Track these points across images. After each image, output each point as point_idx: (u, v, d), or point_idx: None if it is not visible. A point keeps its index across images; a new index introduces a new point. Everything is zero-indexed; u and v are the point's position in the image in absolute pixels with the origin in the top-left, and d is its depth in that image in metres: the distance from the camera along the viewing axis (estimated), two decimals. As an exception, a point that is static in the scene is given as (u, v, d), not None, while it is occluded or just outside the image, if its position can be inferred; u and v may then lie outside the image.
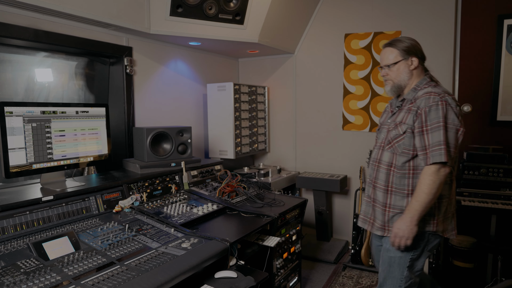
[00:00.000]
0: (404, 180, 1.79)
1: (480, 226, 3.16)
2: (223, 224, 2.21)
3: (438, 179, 1.68)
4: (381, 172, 1.86)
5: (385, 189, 1.84)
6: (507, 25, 3.15)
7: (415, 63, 1.84)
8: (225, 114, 3.56)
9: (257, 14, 3.10)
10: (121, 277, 1.43)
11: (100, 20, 2.39)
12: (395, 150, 1.81)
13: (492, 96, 3.25)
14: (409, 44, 1.84)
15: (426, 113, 1.71)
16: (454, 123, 1.70)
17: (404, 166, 1.79)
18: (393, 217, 1.83)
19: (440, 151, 1.66)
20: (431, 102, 1.71)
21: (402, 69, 1.84)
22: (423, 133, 1.72)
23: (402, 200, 1.80)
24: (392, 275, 1.86)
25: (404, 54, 1.83)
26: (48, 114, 2.03)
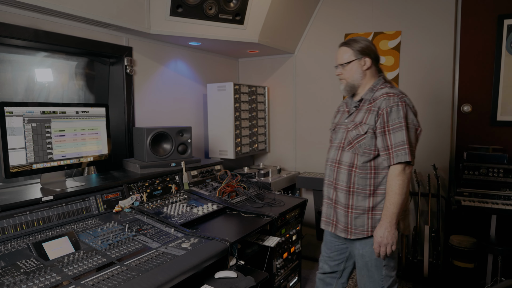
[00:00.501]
0: (366, 180, 1.80)
1: (480, 226, 3.17)
2: (223, 224, 2.21)
3: (406, 178, 1.72)
4: (341, 173, 1.85)
5: (347, 190, 1.83)
6: (507, 25, 3.15)
7: (368, 63, 1.85)
8: (225, 114, 3.56)
9: (257, 14, 3.10)
10: (121, 277, 1.43)
11: (100, 20, 2.39)
12: (356, 150, 1.81)
13: (492, 96, 3.25)
14: (363, 44, 1.84)
15: (388, 113, 1.73)
16: (413, 123, 1.75)
17: (366, 166, 1.80)
18: (356, 218, 1.83)
19: (404, 151, 1.69)
20: (391, 102, 1.74)
21: (355, 69, 1.85)
22: (385, 133, 1.74)
23: (364, 201, 1.81)
24: (372, 279, 1.86)
25: (358, 54, 1.84)
26: (48, 114, 2.03)
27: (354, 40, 1.87)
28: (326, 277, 2.12)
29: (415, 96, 3.49)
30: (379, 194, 1.80)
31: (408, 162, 1.71)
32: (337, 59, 1.91)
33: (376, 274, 1.84)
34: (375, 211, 1.80)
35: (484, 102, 3.30)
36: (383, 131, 1.75)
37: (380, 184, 1.80)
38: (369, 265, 1.84)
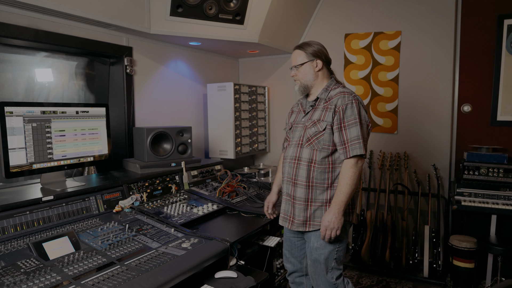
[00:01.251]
0: (324, 174, 1.90)
1: (480, 226, 3.17)
2: (223, 224, 2.21)
3: (357, 170, 1.84)
4: (301, 169, 1.93)
5: (306, 184, 1.92)
6: (507, 25, 3.15)
7: (319, 65, 1.96)
8: (225, 114, 3.56)
9: (257, 14, 3.10)
10: (121, 277, 1.43)
11: (100, 20, 2.39)
12: (315, 146, 1.91)
13: (492, 96, 3.25)
14: (315, 48, 1.97)
15: (343, 110, 1.85)
16: (365, 119, 1.88)
17: (324, 161, 1.90)
18: (315, 211, 1.91)
19: (360, 145, 1.81)
20: (346, 100, 1.86)
21: (308, 70, 1.97)
22: (342, 129, 1.85)
23: (323, 194, 1.90)
24: (323, 272, 1.94)
25: (310, 57, 1.96)
26: (48, 114, 2.03)
27: (307, 44, 1.99)
28: (295, 278, 2.17)
29: (415, 96, 3.51)
30: (335, 187, 1.89)
31: (361, 155, 1.84)
32: (291, 61, 2.03)
33: (328, 267, 1.93)
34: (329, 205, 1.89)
35: (484, 102, 3.30)
36: (339, 127, 1.86)
37: (337, 177, 1.90)
38: (322, 258, 1.92)
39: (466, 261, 2.91)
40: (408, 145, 3.58)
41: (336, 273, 1.95)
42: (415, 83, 3.51)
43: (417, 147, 3.54)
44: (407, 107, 3.57)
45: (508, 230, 3.08)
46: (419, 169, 3.54)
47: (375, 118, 3.70)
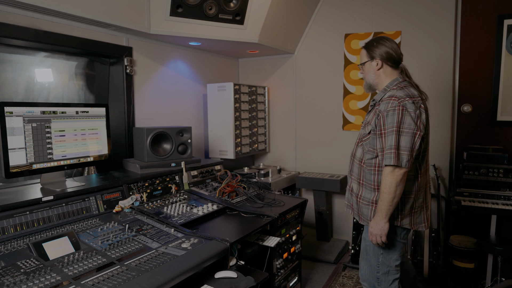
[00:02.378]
0: (371, 176, 1.92)
1: (480, 226, 3.17)
2: (223, 224, 2.21)
3: (394, 179, 1.78)
4: (355, 166, 2.02)
5: (358, 182, 2.00)
6: (507, 25, 3.15)
7: (379, 64, 1.94)
8: (225, 114, 3.57)
9: (257, 14, 3.10)
10: (121, 277, 1.43)
11: (100, 20, 2.39)
12: (364, 147, 1.95)
13: (492, 96, 3.25)
14: (377, 46, 1.93)
15: (384, 117, 1.82)
16: (410, 127, 1.78)
17: (371, 162, 1.92)
18: (363, 208, 1.98)
19: (391, 155, 1.77)
20: (389, 107, 1.80)
21: (368, 69, 1.98)
22: (381, 136, 1.83)
23: (370, 194, 1.94)
24: (370, 263, 2.02)
25: (370, 56, 1.96)
26: (48, 114, 2.03)
27: (371, 42, 1.97)
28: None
29: (415, 96, 3.51)
30: None
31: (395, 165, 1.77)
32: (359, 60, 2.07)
33: (373, 259, 1.99)
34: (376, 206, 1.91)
35: (484, 102, 3.30)
36: (380, 134, 1.84)
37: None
38: (368, 249, 2.01)
39: (466, 261, 2.91)
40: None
41: (384, 269, 1.96)
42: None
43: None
44: (407, 107, 3.57)
45: (508, 230, 3.08)
46: (419, 169, 3.53)
47: (375, 118, 3.70)
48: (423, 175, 1.95)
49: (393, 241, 1.95)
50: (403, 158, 1.76)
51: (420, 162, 1.91)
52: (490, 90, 3.26)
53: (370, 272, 2.01)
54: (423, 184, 1.95)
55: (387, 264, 1.96)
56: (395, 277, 1.98)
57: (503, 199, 2.89)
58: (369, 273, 2.02)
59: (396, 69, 1.96)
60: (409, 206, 1.91)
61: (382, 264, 1.96)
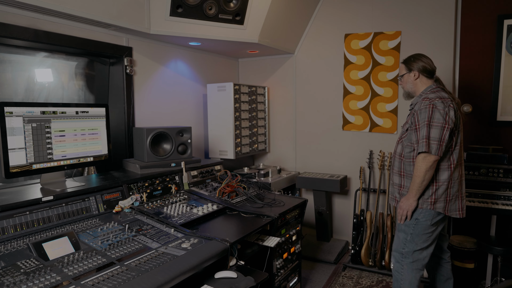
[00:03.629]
0: (410, 167, 2.27)
1: (480, 226, 3.17)
2: (223, 225, 2.21)
3: (424, 165, 2.13)
4: (396, 161, 2.38)
5: (399, 174, 2.35)
6: (507, 25, 3.15)
7: (416, 75, 2.33)
8: (225, 114, 3.57)
9: (257, 14, 3.10)
10: (121, 277, 1.43)
11: (100, 20, 2.39)
12: (403, 143, 2.31)
13: (492, 96, 3.25)
14: (414, 60, 2.33)
15: (418, 115, 2.19)
16: (439, 122, 2.12)
17: (409, 155, 2.27)
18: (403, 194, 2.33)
19: (423, 143, 2.12)
20: (422, 106, 2.18)
21: (407, 80, 2.37)
22: (416, 130, 2.19)
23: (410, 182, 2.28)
24: (399, 238, 2.35)
25: (408, 69, 2.35)
26: (48, 114, 2.03)
27: (409, 58, 2.37)
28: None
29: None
30: None
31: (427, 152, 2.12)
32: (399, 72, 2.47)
33: (402, 236, 2.32)
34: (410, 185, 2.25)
35: (484, 102, 3.30)
36: (415, 129, 2.20)
37: None
38: (400, 228, 2.36)
39: (466, 261, 2.91)
40: (408, 145, 3.58)
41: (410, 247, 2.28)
42: (415, 83, 3.51)
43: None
44: (407, 107, 3.56)
45: (508, 230, 3.08)
46: (419, 169, 3.53)
47: (375, 118, 3.70)
48: (457, 166, 2.24)
49: (423, 224, 2.23)
50: (433, 147, 2.10)
51: (452, 154, 2.20)
52: (490, 90, 3.26)
53: (399, 245, 2.34)
54: (457, 175, 2.24)
55: (414, 243, 2.26)
56: (418, 258, 2.27)
57: (503, 199, 2.89)
58: (397, 246, 2.36)
59: (431, 79, 2.33)
60: (442, 192, 2.20)
61: (409, 242, 2.28)
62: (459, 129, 2.22)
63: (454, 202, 2.24)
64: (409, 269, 2.29)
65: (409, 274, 2.30)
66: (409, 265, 2.29)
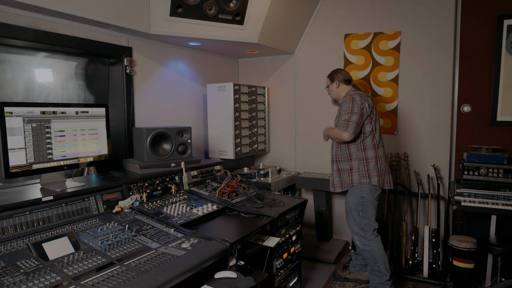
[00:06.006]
0: (343, 152, 2.82)
1: (480, 226, 3.16)
2: (223, 225, 2.21)
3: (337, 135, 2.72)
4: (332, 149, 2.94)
5: (336, 160, 2.88)
6: (507, 25, 3.15)
7: (337, 84, 2.91)
8: (225, 114, 3.57)
9: (257, 14, 3.10)
10: (121, 278, 1.43)
11: (100, 20, 2.39)
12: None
13: (492, 96, 3.25)
14: (334, 73, 2.94)
15: (341, 106, 2.77)
16: (356, 109, 2.67)
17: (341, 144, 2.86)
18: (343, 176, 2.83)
19: (342, 124, 2.68)
20: (344, 100, 2.77)
21: (332, 89, 2.97)
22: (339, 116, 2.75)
23: (346, 164, 2.80)
24: (354, 219, 2.81)
25: (331, 80, 2.95)
26: (48, 115, 2.03)
27: (331, 72, 2.97)
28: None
29: (415, 96, 3.51)
30: (353, 159, 2.77)
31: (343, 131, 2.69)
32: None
33: (355, 215, 2.78)
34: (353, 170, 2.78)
35: (484, 102, 3.30)
36: (338, 115, 2.80)
37: (352, 153, 2.77)
38: (351, 209, 2.80)
39: (466, 261, 2.91)
40: (408, 146, 3.58)
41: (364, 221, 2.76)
42: (415, 84, 3.51)
43: (417, 148, 3.54)
44: (407, 107, 3.57)
45: (508, 231, 3.08)
46: (419, 169, 3.54)
47: (375, 118, 3.70)
48: (379, 147, 2.79)
49: (369, 200, 2.73)
50: (349, 127, 2.64)
51: (374, 136, 2.75)
52: (490, 90, 3.26)
53: (357, 226, 2.79)
54: (382, 153, 2.79)
55: (366, 217, 2.74)
56: (375, 227, 2.77)
57: (503, 200, 2.89)
58: (356, 226, 2.79)
59: (349, 85, 2.91)
60: (373, 168, 2.73)
61: (362, 218, 2.75)
62: (377, 118, 2.80)
63: (384, 176, 2.77)
64: (372, 238, 2.75)
65: (374, 242, 2.74)
66: (371, 235, 2.75)
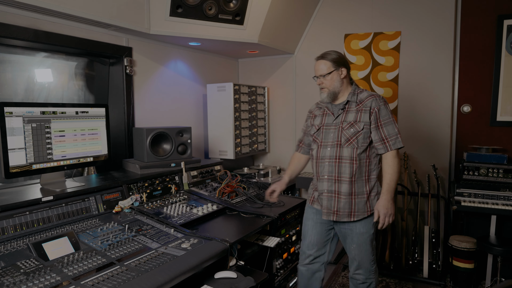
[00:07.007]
0: (363, 169, 2.12)
1: (479, 226, 3.17)
2: (223, 225, 2.21)
3: (398, 160, 2.12)
4: (343, 166, 2.11)
5: (350, 180, 2.11)
6: (507, 25, 3.15)
7: (344, 72, 2.14)
8: (225, 114, 3.56)
9: (257, 15, 3.10)
10: (121, 278, 1.43)
11: (100, 20, 2.39)
12: (355, 145, 2.10)
13: (492, 96, 3.25)
14: (337, 56, 2.13)
15: (379, 111, 2.09)
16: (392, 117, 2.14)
17: (362, 156, 2.11)
18: (358, 203, 2.12)
19: (399, 139, 2.09)
20: (380, 102, 2.10)
21: (335, 78, 2.13)
22: (379, 127, 2.09)
23: (363, 187, 2.13)
24: (368, 252, 2.19)
25: (336, 66, 2.12)
26: (48, 115, 2.03)
27: (329, 53, 2.14)
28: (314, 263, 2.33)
29: (415, 96, 3.51)
30: (372, 179, 2.15)
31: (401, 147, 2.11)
32: (316, 71, 2.17)
33: (369, 246, 2.19)
34: (371, 193, 2.14)
35: (484, 102, 3.30)
36: (376, 126, 2.09)
37: (372, 170, 2.14)
38: (368, 240, 2.17)
39: (465, 261, 2.91)
40: (408, 145, 3.58)
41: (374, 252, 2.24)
42: (415, 84, 3.51)
43: (417, 147, 3.54)
44: (407, 107, 3.57)
45: (507, 231, 3.08)
46: (419, 169, 3.54)
47: (375, 119, 3.70)
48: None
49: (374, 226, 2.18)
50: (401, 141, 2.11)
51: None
52: (490, 90, 3.26)
53: (370, 261, 2.19)
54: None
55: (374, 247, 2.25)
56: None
57: (503, 200, 2.89)
58: (369, 261, 2.19)
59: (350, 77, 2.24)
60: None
61: (373, 249, 2.23)
62: None
63: None
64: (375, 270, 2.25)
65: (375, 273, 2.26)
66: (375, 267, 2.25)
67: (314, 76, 2.18)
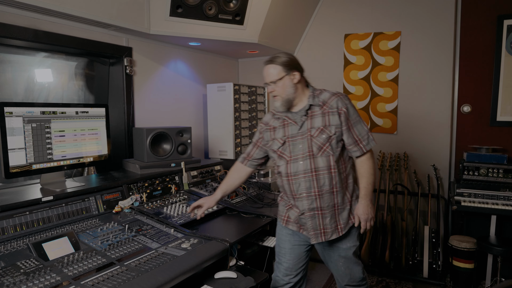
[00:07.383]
0: (342, 175, 1.92)
1: (479, 226, 3.17)
2: (223, 225, 2.21)
3: (373, 160, 1.99)
4: (322, 178, 1.87)
5: (331, 191, 1.88)
6: (506, 25, 3.15)
7: (297, 76, 1.90)
8: (225, 114, 3.56)
9: (257, 15, 3.10)
10: (121, 278, 1.43)
11: (100, 20, 2.39)
12: (329, 152, 1.87)
13: (492, 96, 3.25)
14: (288, 59, 1.89)
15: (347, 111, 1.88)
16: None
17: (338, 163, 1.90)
18: (342, 214, 1.93)
19: (369, 138, 1.93)
20: (346, 101, 1.90)
21: (287, 84, 1.88)
22: (350, 128, 1.89)
23: (344, 195, 1.93)
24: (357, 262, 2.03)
25: (286, 70, 1.87)
26: (48, 115, 2.03)
27: (278, 56, 1.90)
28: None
29: (415, 96, 3.51)
30: (350, 184, 1.96)
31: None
32: (266, 77, 1.91)
33: (357, 257, 2.03)
34: (352, 199, 1.96)
35: (484, 102, 3.30)
36: (348, 127, 1.88)
37: (348, 174, 1.96)
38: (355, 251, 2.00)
39: (465, 261, 2.91)
40: (408, 146, 3.58)
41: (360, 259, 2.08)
42: (415, 84, 3.51)
43: (416, 148, 3.54)
44: (406, 107, 3.57)
45: (508, 231, 3.08)
46: (419, 169, 3.54)
47: (374, 119, 3.70)
48: None
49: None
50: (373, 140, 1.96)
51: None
52: (490, 90, 3.26)
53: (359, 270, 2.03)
54: None
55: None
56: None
57: (502, 200, 2.89)
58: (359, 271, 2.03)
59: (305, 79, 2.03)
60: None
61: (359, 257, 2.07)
62: None
63: None
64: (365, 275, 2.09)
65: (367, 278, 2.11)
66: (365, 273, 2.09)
67: (265, 83, 1.92)
